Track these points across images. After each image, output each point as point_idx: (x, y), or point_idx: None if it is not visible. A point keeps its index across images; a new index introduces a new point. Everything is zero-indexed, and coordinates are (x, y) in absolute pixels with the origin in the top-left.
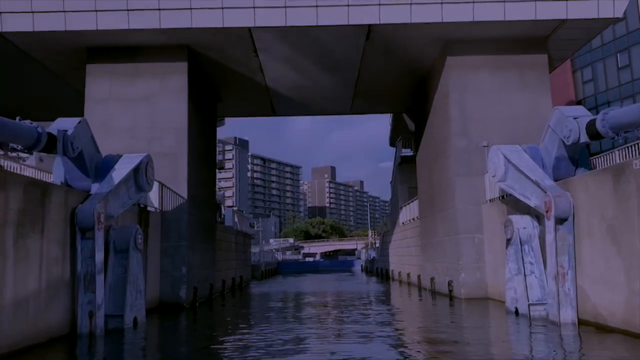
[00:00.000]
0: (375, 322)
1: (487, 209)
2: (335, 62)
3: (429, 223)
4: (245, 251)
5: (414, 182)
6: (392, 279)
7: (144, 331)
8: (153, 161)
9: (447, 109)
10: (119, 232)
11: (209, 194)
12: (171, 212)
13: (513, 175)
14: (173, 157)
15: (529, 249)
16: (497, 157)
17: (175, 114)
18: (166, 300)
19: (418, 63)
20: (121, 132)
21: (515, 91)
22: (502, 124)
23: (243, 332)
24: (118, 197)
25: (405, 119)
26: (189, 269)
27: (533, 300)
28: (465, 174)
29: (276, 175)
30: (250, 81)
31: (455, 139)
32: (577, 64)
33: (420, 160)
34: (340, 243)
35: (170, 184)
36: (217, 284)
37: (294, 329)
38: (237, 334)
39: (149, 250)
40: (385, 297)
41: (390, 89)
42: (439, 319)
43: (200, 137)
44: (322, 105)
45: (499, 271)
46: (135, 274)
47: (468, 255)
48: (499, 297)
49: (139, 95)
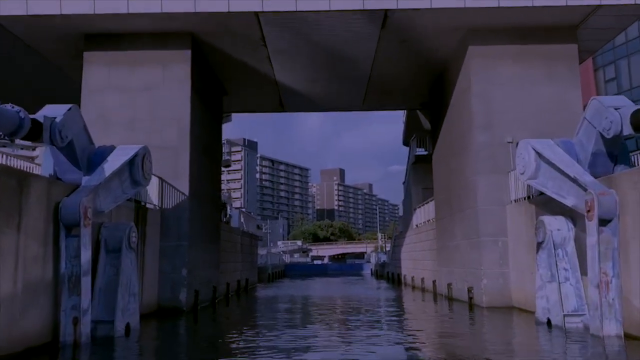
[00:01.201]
0: (390, 329)
1: (512, 210)
2: (348, 52)
3: (446, 225)
4: (252, 253)
5: (428, 182)
6: (404, 284)
7: (136, 339)
8: (151, 153)
9: (468, 102)
10: (111, 230)
11: (213, 192)
12: (171, 209)
13: (545, 172)
14: (174, 151)
15: (564, 253)
16: (527, 152)
17: (178, 105)
18: (165, 304)
19: (436, 54)
20: (119, 123)
21: (543, 83)
22: (528, 118)
23: (247, 340)
24: (110, 191)
25: (419, 117)
26: (190, 270)
27: (568, 311)
28: (488, 171)
29: (285, 177)
30: (257, 73)
31: (478, 134)
32: (599, 62)
33: (437, 159)
34: (349, 246)
35: (171, 179)
36: (221, 286)
37: (304, 336)
38: (239, 342)
39: (147, 250)
40: (399, 303)
41: (405, 82)
42: (461, 329)
43: (204, 131)
44: (332, 100)
45: (525, 278)
46: (128, 276)
47: (490, 260)
48: (525, 305)
49: (139, 85)
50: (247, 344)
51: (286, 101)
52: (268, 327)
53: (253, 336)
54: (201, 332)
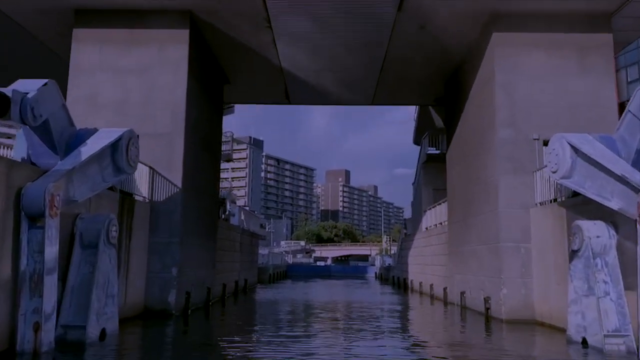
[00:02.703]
0: (401, 347)
1: (537, 213)
2: (361, 38)
3: (461, 229)
4: (252, 252)
5: (440, 183)
6: (410, 290)
7: (110, 347)
8: (138, 139)
9: (491, 94)
10: (87, 222)
11: (210, 187)
12: (162, 202)
13: (583, 170)
14: (168, 138)
15: (603, 264)
16: (562, 148)
17: (173, 89)
18: (152, 306)
19: (456, 42)
20: (109, 107)
21: (574, 75)
22: (557, 113)
23: (238, 349)
24: (87, 178)
25: (432, 114)
26: (181, 270)
27: (609, 330)
28: (510, 171)
29: (290, 176)
30: (261, 60)
31: (500, 130)
32: (621, 62)
33: (452, 158)
34: (353, 248)
35: (163, 170)
36: (217, 287)
37: (303, 348)
38: (229, 352)
39: (133, 246)
40: (407, 312)
41: (420, 75)
42: (480, 344)
43: (202, 119)
44: (342, 93)
45: (550, 289)
46: (105, 275)
47: (511, 268)
48: (550, 320)
49: (132, 66)
50: (238, 354)
51: (292, 92)
52: (263, 336)
53: (246, 346)
54: (188, 339)
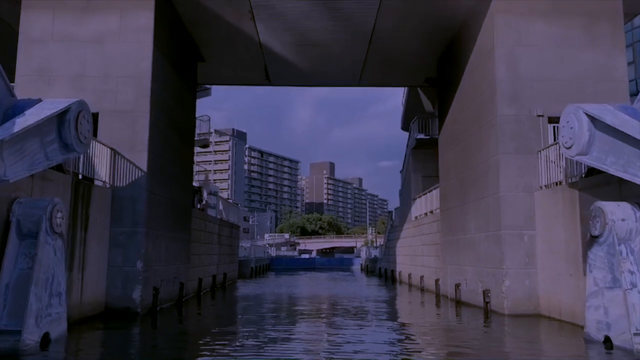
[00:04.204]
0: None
1: (543, 197)
2: (347, 8)
3: (455, 216)
4: (232, 244)
5: (430, 170)
6: (399, 282)
7: (52, 355)
8: (90, 111)
9: (490, 67)
10: (26, 207)
11: (182, 172)
12: (125, 188)
13: (604, 145)
14: (131, 116)
15: (628, 251)
16: (578, 120)
17: (136, 62)
18: (114, 304)
19: (451, 11)
20: (64, 81)
21: (581, 46)
22: (563, 87)
23: (211, 353)
24: (22, 154)
25: (421, 97)
26: (148, 263)
27: (639, 328)
28: (512, 151)
29: (274, 169)
30: (239, 34)
31: (501, 106)
32: None
33: (445, 141)
34: (338, 240)
35: (126, 151)
36: (192, 283)
37: (286, 348)
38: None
39: (90, 237)
40: (399, 305)
41: (410, 50)
42: (493, 347)
43: (172, 99)
44: (326, 72)
45: (560, 281)
46: (48, 270)
47: (514, 258)
48: (558, 315)
49: (90, 36)
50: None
51: (272, 71)
52: (241, 337)
53: (220, 350)
54: (150, 343)
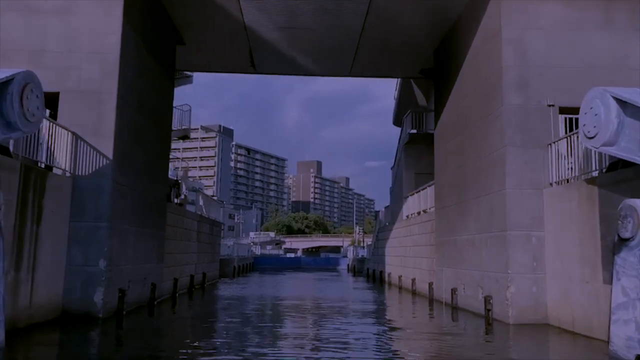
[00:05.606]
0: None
1: (553, 195)
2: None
3: (452, 215)
4: (213, 242)
5: (423, 167)
6: (388, 284)
7: None
8: (40, 85)
9: (495, 53)
10: None
11: (156, 163)
12: (88, 177)
13: (636, 133)
14: (96, 96)
15: None
16: (604, 105)
17: (103, 36)
18: (72, 308)
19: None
20: (20, 56)
21: (596, 31)
22: (576, 75)
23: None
24: None
25: (415, 91)
26: (112, 262)
27: None
28: (519, 144)
29: (260, 166)
30: (222, 14)
31: (509, 96)
32: None
33: (442, 135)
34: (324, 239)
35: (89, 136)
36: (166, 283)
37: None
38: None
39: (43, 231)
40: (393, 313)
41: (406, 37)
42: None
43: (145, 80)
44: (315, 61)
45: (573, 288)
46: None
47: (520, 262)
48: (571, 327)
49: (51, 6)
50: None
51: (258, 58)
52: (216, 348)
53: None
54: (107, 355)
